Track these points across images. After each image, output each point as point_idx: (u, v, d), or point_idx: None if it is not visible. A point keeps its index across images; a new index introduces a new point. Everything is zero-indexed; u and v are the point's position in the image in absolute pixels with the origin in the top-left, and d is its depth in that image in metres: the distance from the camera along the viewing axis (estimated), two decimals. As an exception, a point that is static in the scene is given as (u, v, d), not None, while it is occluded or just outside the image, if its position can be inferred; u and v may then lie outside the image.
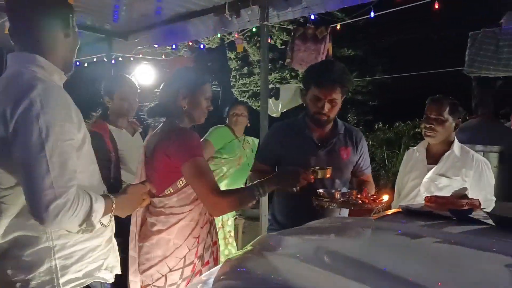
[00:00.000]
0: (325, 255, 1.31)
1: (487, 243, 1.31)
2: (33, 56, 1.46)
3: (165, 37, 6.57)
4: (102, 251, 1.58)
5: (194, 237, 1.97)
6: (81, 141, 1.48)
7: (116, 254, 1.70)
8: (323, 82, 2.21)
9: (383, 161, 9.62)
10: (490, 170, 2.65)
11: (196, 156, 1.87)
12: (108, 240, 1.63)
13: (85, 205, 1.39)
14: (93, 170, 1.59)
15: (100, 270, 1.57)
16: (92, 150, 1.60)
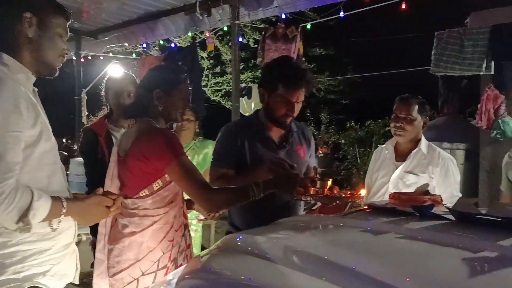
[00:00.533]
0: (294, 255, 1.31)
1: (446, 238, 1.33)
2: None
3: (136, 36, 6.50)
4: (52, 256, 1.49)
5: (168, 240, 1.93)
6: (36, 138, 1.43)
7: (74, 262, 1.62)
8: (293, 85, 2.12)
9: (355, 159, 9.77)
10: (456, 167, 2.71)
11: (181, 155, 1.84)
12: (64, 246, 1.54)
13: (23, 201, 1.33)
14: (55, 170, 1.53)
15: (45, 276, 1.48)
16: (54, 150, 1.54)
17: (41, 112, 1.49)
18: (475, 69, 3.72)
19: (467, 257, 1.20)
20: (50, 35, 1.53)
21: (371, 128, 9.70)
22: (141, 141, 1.87)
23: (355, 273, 1.09)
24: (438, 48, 3.87)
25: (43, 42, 1.51)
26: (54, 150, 1.54)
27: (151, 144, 1.85)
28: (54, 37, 1.54)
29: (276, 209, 2.10)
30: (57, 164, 1.55)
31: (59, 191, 1.52)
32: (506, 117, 3.90)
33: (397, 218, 1.56)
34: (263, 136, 2.25)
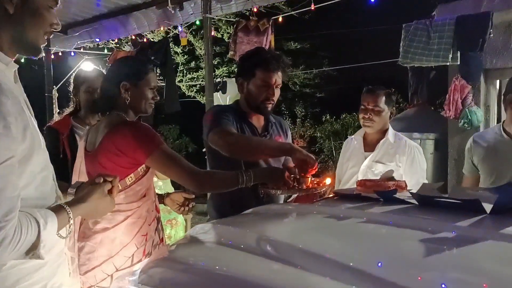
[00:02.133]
0: (255, 241, 1.33)
1: (407, 220, 1.37)
2: None
3: (107, 31, 6.40)
4: (48, 271, 1.33)
5: (142, 234, 1.91)
6: (27, 152, 1.22)
7: (66, 268, 1.48)
8: (271, 66, 2.18)
9: (331, 152, 9.86)
10: (422, 155, 2.77)
11: (161, 144, 1.83)
12: (58, 255, 1.38)
13: (30, 237, 1.16)
14: (45, 177, 1.34)
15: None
16: (44, 154, 1.33)
17: (27, 117, 1.25)
18: (441, 59, 3.80)
19: (426, 238, 1.24)
20: (35, 8, 1.26)
21: (346, 121, 9.81)
22: (113, 135, 1.83)
23: (321, 257, 1.12)
24: (406, 40, 3.93)
25: (26, 17, 1.25)
26: (44, 154, 1.33)
27: (126, 137, 1.81)
28: (40, 9, 1.27)
29: (256, 200, 2.12)
30: (47, 170, 1.36)
31: (52, 196, 1.37)
32: (473, 107, 3.99)
33: (361, 204, 1.60)
34: (247, 123, 2.31)
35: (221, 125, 2.14)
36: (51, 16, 1.30)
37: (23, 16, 1.24)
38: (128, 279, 1.26)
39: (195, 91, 11.20)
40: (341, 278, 0.99)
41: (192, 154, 10.86)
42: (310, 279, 1.02)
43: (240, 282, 1.08)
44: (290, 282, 1.03)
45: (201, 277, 1.17)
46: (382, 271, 1.01)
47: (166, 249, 1.40)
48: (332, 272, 1.02)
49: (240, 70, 2.36)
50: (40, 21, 1.28)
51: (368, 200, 1.64)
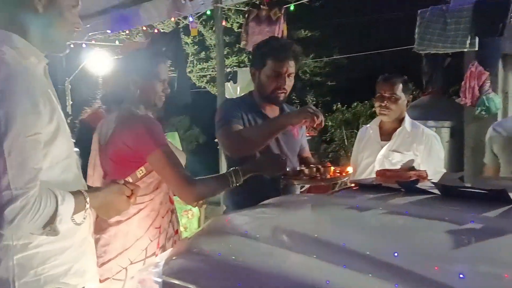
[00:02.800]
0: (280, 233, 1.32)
1: (432, 211, 1.35)
2: (8, 34, 1.31)
3: (118, 23, 6.38)
4: (72, 254, 1.40)
5: (155, 227, 1.92)
6: (52, 134, 1.32)
7: (91, 256, 1.54)
8: (281, 56, 2.16)
9: (342, 141, 9.81)
10: (439, 143, 2.73)
11: (163, 145, 1.81)
12: (82, 241, 1.45)
13: (48, 208, 1.24)
14: (68, 164, 1.41)
15: (67, 275, 1.39)
16: (69, 142, 1.42)
17: (56, 104, 1.36)
18: (458, 46, 3.71)
19: (453, 229, 1.21)
20: (60, 8, 1.37)
21: (358, 109, 9.72)
22: (122, 129, 1.83)
23: (344, 249, 1.10)
24: (421, 26, 3.85)
25: (52, 17, 1.36)
26: (69, 142, 1.42)
27: (133, 131, 1.81)
28: (65, 9, 1.38)
29: (273, 191, 2.11)
30: (71, 158, 1.43)
31: (76, 185, 1.44)
32: (490, 94, 3.91)
33: (383, 194, 1.57)
34: (260, 114, 2.28)
35: (226, 125, 2.16)
36: (73, 15, 1.41)
37: (50, 16, 1.35)
38: (152, 271, 1.26)
39: (205, 82, 11.18)
40: (363, 270, 0.97)
41: (203, 145, 10.88)
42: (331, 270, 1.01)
43: (262, 274, 1.08)
44: (311, 272, 1.02)
45: (224, 269, 1.17)
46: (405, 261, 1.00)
47: (189, 241, 1.39)
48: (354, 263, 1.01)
49: (252, 60, 2.36)
50: (64, 20, 1.38)
51: (389, 190, 1.62)
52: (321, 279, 0.98)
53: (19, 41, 1.32)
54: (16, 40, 1.32)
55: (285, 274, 1.04)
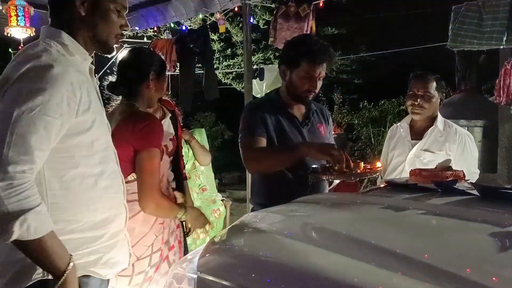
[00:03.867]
0: (312, 231, 1.30)
1: (472, 213, 1.31)
2: (58, 31, 1.39)
3: (147, 20, 6.45)
4: (104, 244, 1.41)
5: (159, 223, 1.96)
6: (91, 123, 1.36)
7: (125, 249, 1.53)
8: (317, 59, 2.13)
9: (368, 139, 9.68)
10: (473, 143, 2.65)
11: (154, 147, 1.87)
12: (115, 233, 1.46)
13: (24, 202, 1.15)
14: (106, 157, 1.44)
15: (97, 264, 1.40)
16: (107, 136, 1.46)
17: (94, 97, 1.41)
18: (494, 43, 3.60)
19: (495, 231, 1.18)
20: (104, 12, 1.42)
21: (385, 107, 9.55)
22: (126, 124, 1.88)
23: (376, 248, 1.08)
24: (455, 23, 3.74)
25: (96, 20, 1.42)
26: (107, 136, 1.47)
27: (136, 128, 1.86)
28: (109, 13, 1.43)
29: (301, 187, 2.11)
30: (109, 151, 1.47)
31: (112, 178, 1.46)
32: (526, 92, 3.80)
33: (419, 194, 1.53)
34: (286, 113, 2.26)
35: (249, 136, 2.17)
36: (120, 18, 1.46)
37: (95, 19, 1.41)
38: (186, 267, 1.26)
39: (231, 79, 11.19)
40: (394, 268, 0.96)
41: (228, 141, 10.91)
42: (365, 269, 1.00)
43: (295, 271, 1.07)
44: (344, 271, 1.01)
45: (257, 266, 1.17)
46: (441, 262, 0.97)
47: (222, 237, 1.39)
48: (390, 264, 0.99)
49: (284, 57, 2.30)
50: (110, 23, 1.43)
51: (425, 190, 1.58)
52: (351, 278, 0.97)
53: (67, 38, 1.38)
54: (64, 37, 1.38)
55: (319, 272, 1.04)
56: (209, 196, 3.75)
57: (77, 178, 1.35)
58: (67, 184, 1.32)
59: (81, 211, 1.36)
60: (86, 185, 1.36)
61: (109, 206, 1.43)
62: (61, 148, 1.30)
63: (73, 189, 1.34)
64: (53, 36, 1.38)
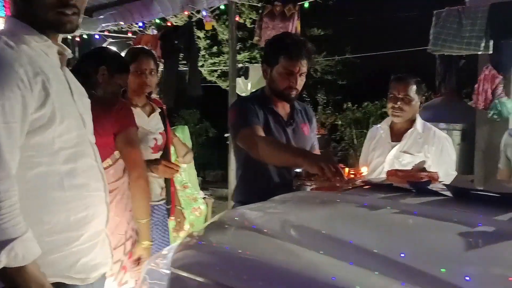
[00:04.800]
0: (289, 228, 1.32)
1: (444, 213, 1.34)
2: (12, 20, 1.26)
3: (132, 15, 6.40)
4: (80, 247, 1.31)
5: (129, 210, 2.03)
6: (48, 119, 1.23)
7: (106, 250, 1.44)
8: (294, 54, 2.14)
9: (351, 140, 9.77)
10: (451, 145, 2.71)
11: (135, 126, 2.00)
12: (93, 234, 1.36)
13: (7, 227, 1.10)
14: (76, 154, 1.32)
15: (73, 269, 1.30)
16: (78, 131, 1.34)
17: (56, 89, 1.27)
18: (473, 48, 3.68)
19: (464, 231, 1.21)
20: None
21: (368, 109, 9.66)
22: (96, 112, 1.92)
23: (353, 246, 1.10)
24: (436, 27, 3.82)
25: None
26: (78, 130, 1.34)
27: (111, 112, 1.95)
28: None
29: (283, 186, 2.10)
30: (82, 146, 1.35)
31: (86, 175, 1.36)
32: (503, 98, 3.88)
33: (394, 194, 1.57)
34: (272, 111, 2.26)
35: (250, 125, 2.10)
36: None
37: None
38: (160, 262, 1.27)
39: (216, 76, 11.17)
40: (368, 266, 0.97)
41: (212, 139, 10.89)
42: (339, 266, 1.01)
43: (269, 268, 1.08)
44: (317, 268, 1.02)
45: (233, 262, 1.17)
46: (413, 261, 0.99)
47: (198, 233, 1.40)
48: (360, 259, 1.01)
49: (265, 56, 2.33)
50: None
51: (400, 190, 1.61)
52: (327, 275, 0.98)
53: (19, 26, 1.26)
54: (17, 25, 1.26)
55: (292, 268, 1.04)
56: (190, 193, 3.74)
57: (40, 178, 1.24)
58: (29, 185, 1.22)
59: (49, 212, 1.26)
60: (51, 184, 1.26)
61: (85, 206, 1.33)
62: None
63: (36, 189, 1.24)
64: (5, 27, 1.28)
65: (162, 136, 2.52)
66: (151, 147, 2.45)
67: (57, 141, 1.26)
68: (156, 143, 2.47)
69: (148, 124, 2.48)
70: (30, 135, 1.21)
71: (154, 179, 2.47)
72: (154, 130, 2.49)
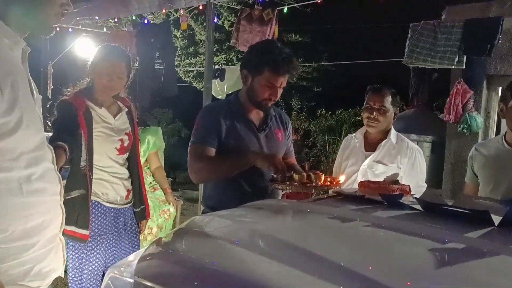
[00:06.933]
0: (257, 238, 1.29)
1: (414, 227, 1.34)
2: None
3: (107, 9, 6.26)
4: (36, 254, 1.27)
5: None
6: (14, 124, 1.19)
7: (59, 254, 1.39)
8: (280, 70, 2.12)
9: (324, 147, 9.84)
10: (422, 158, 2.74)
11: None
12: (50, 238, 1.32)
13: None
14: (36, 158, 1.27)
15: (27, 276, 1.26)
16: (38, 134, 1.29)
17: (23, 91, 1.24)
18: (447, 62, 3.75)
19: (433, 247, 1.20)
20: None
21: (342, 117, 9.74)
22: None
23: (320, 259, 1.08)
24: (412, 40, 3.88)
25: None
26: (38, 133, 1.29)
27: None
28: None
29: (254, 193, 2.09)
30: (41, 151, 1.30)
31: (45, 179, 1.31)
32: (473, 112, 3.98)
33: (365, 206, 1.55)
34: (244, 118, 2.24)
35: (200, 144, 2.15)
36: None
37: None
38: (124, 270, 1.21)
39: (192, 77, 11.08)
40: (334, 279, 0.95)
41: (184, 139, 10.79)
42: (304, 279, 0.99)
43: (233, 279, 1.05)
44: (281, 280, 1.00)
45: (197, 271, 1.14)
46: (378, 275, 0.98)
47: (163, 241, 1.35)
48: (326, 272, 0.99)
49: (247, 62, 2.26)
50: (52, 1, 1.29)
51: (372, 202, 1.60)
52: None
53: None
54: None
55: (256, 280, 1.02)
56: (160, 195, 3.68)
57: (0, 183, 1.19)
58: None
59: (6, 220, 1.20)
60: (9, 190, 1.20)
61: (43, 211, 1.29)
62: None
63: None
64: None
65: (128, 137, 2.42)
66: (116, 148, 2.35)
67: (20, 146, 1.22)
68: (122, 144, 2.38)
69: (114, 125, 2.37)
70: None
71: (120, 181, 2.38)
72: (120, 131, 2.39)
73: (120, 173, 2.38)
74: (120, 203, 2.39)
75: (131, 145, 2.43)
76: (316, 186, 1.88)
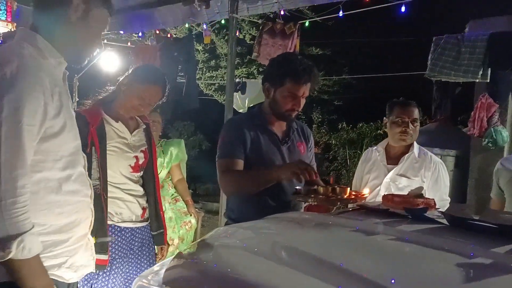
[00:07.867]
0: (280, 249, 1.30)
1: (440, 241, 1.32)
2: (34, 34, 1.39)
3: (132, 24, 6.40)
4: (68, 248, 1.42)
5: None
6: (60, 128, 1.37)
7: (89, 253, 1.55)
8: (302, 79, 2.14)
9: (344, 160, 9.78)
10: (446, 171, 2.71)
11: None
12: (80, 237, 1.47)
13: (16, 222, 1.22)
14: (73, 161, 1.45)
15: (61, 268, 1.41)
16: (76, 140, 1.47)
17: (65, 102, 1.41)
18: (471, 76, 3.72)
19: (459, 262, 1.19)
20: (91, 25, 1.45)
21: (363, 130, 9.70)
22: None
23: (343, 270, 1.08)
24: (435, 53, 3.86)
25: (82, 29, 1.44)
26: (76, 140, 1.47)
27: None
28: (94, 28, 1.47)
29: (278, 207, 2.09)
30: (77, 156, 1.47)
31: (79, 182, 1.46)
32: (499, 126, 3.91)
33: (390, 220, 1.55)
34: (267, 130, 2.27)
35: (228, 157, 2.18)
36: (99, 37, 1.51)
37: (80, 28, 1.43)
38: (151, 278, 1.24)
39: (213, 90, 11.19)
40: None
41: (205, 152, 10.87)
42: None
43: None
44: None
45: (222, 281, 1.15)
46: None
47: (190, 250, 1.37)
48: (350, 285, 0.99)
49: (269, 75, 2.29)
50: (92, 36, 1.47)
51: (396, 216, 1.59)
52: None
53: (41, 41, 1.38)
54: (39, 40, 1.38)
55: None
56: (181, 207, 3.71)
57: (42, 181, 1.35)
58: (32, 187, 1.30)
59: (45, 214, 1.36)
60: (50, 188, 1.37)
61: (75, 210, 1.44)
62: None
63: (37, 192, 1.33)
64: (27, 39, 1.38)
65: (144, 155, 2.30)
66: (130, 165, 2.24)
67: (62, 148, 1.39)
68: (137, 161, 2.26)
69: (130, 140, 2.27)
70: (43, 140, 1.33)
71: (134, 198, 2.26)
72: (136, 148, 2.28)
73: (135, 189, 2.26)
74: (135, 221, 2.27)
75: (146, 164, 2.32)
76: (341, 199, 1.88)
